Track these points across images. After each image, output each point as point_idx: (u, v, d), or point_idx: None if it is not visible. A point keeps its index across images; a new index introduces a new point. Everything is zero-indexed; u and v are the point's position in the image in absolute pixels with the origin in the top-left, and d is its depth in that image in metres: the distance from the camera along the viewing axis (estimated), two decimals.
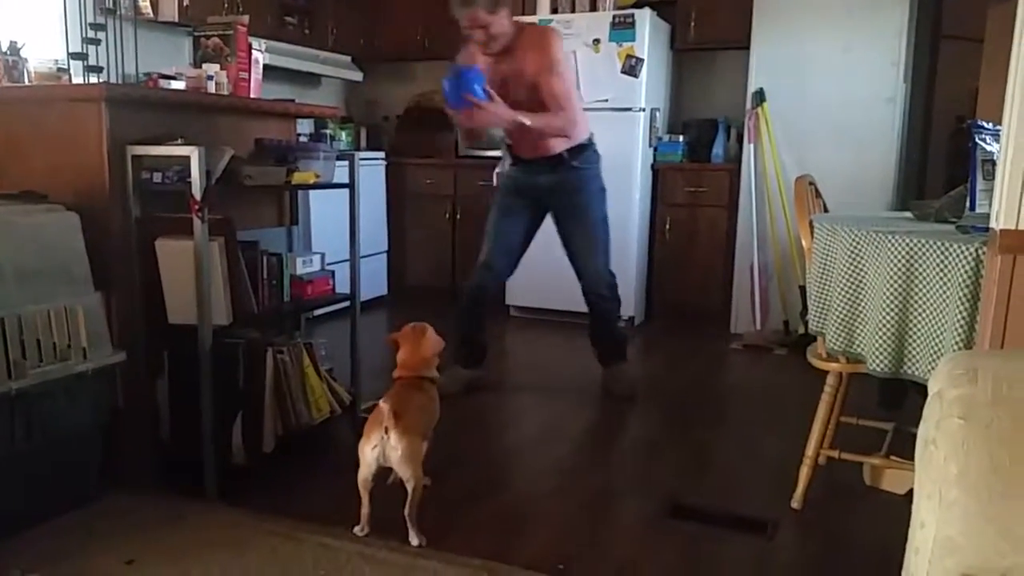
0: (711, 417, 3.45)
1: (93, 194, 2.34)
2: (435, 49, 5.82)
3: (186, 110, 2.62)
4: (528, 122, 3.19)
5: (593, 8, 5.04)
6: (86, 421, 2.30)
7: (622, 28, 4.78)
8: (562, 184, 3.44)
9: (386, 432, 2.10)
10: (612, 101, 4.80)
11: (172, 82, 2.66)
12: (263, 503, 2.41)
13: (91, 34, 3.18)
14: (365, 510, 2.21)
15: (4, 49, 2.63)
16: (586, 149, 3.46)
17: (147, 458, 2.50)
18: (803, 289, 4.20)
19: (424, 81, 6.17)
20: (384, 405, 2.13)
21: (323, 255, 2.95)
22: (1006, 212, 1.55)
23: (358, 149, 5.80)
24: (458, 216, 5.55)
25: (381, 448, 2.12)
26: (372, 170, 5.45)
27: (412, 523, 2.18)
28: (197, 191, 2.27)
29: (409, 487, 2.16)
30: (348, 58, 5.84)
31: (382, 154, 5.70)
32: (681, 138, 5.14)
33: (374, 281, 5.46)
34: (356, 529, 2.22)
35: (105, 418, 2.37)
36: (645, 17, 4.76)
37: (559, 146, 3.39)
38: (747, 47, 4.73)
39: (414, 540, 2.17)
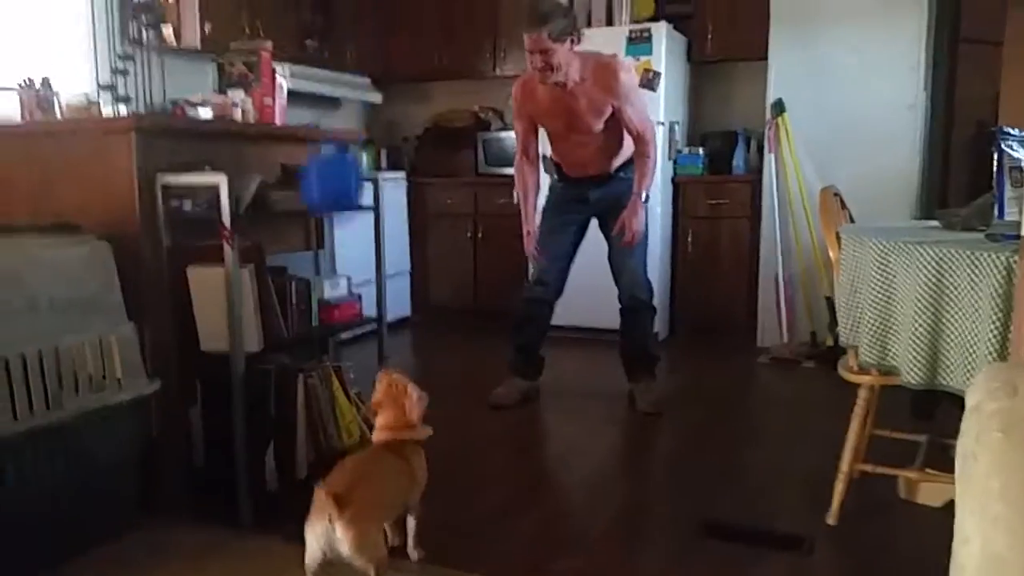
0: (741, 432, 3.43)
1: (124, 224, 2.37)
2: (453, 69, 5.88)
3: (213, 137, 2.65)
4: (646, 194, 3.36)
5: (609, 23, 5.06)
6: (122, 451, 2.31)
7: (639, 43, 4.79)
8: (610, 194, 3.48)
9: (330, 521, 1.80)
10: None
11: (199, 109, 2.69)
12: (297, 529, 2.41)
13: (119, 65, 3.24)
14: None
15: (37, 85, 2.68)
16: (633, 161, 3.48)
17: (182, 486, 2.52)
18: (830, 300, 4.18)
19: (443, 101, 6.21)
20: (325, 495, 1.81)
21: (349, 278, 2.97)
22: None
23: (379, 170, 5.83)
24: (480, 235, 5.57)
25: (327, 538, 1.82)
26: (393, 190, 5.48)
27: None
28: (227, 218, 2.30)
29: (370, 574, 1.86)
30: (367, 80, 5.89)
31: (403, 174, 5.74)
32: (701, 151, 5.14)
33: (398, 302, 5.48)
34: None
35: (140, 448, 2.38)
36: (662, 31, 4.77)
37: (613, 165, 3.46)
38: (765, 58, 4.72)
39: None
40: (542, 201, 3.70)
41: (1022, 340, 1.60)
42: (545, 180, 3.73)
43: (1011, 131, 2.34)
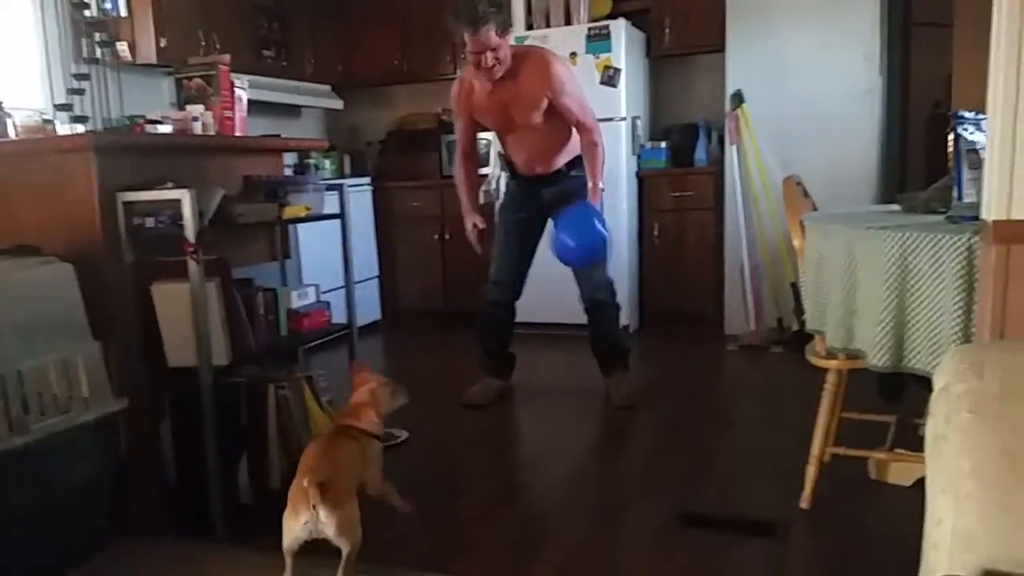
0: (712, 421, 3.46)
1: (86, 243, 2.34)
2: (414, 72, 5.87)
3: (174, 153, 2.62)
4: (601, 184, 3.37)
5: (568, 22, 5.08)
6: (91, 471, 2.28)
7: (598, 40, 4.81)
8: (562, 192, 3.47)
9: (314, 509, 1.95)
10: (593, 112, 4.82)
11: (158, 126, 2.66)
12: (273, 542, 2.39)
13: (74, 84, 3.19)
14: (289, 574, 2.07)
15: None
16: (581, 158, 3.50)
17: (154, 503, 2.49)
18: (794, 287, 4.23)
19: (405, 104, 6.20)
20: (308, 485, 1.95)
21: (317, 286, 2.96)
22: (997, 202, 1.56)
23: (343, 176, 5.81)
24: (447, 236, 5.56)
25: (312, 524, 1.97)
26: (359, 196, 5.46)
27: None
28: (190, 233, 2.27)
29: (345, 551, 2.01)
30: (327, 87, 5.86)
31: (367, 179, 5.72)
32: (664, 144, 5.17)
33: (367, 307, 5.46)
34: None
35: (110, 467, 2.35)
36: (620, 27, 4.79)
37: (560, 162, 3.47)
38: (722, 50, 4.77)
39: None
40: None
41: (986, 321, 1.63)
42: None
43: (966, 114, 2.37)
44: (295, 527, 1.98)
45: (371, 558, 2.24)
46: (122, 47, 3.77)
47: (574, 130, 3.41)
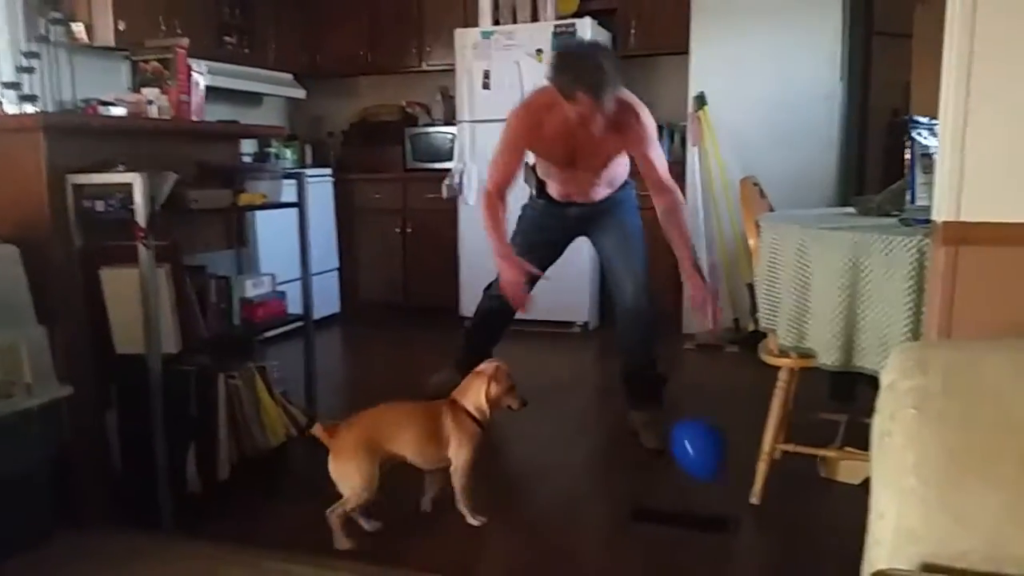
0: (668, 417, 3.46)
1: (33, 225, 2.28)
2: (379, 64, 5.83)
3: (127, 136, 2.57)
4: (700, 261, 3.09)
5: (535, 19, 5.07)
6: (33, 459, 2.22)
7: (564, 37, 4.81)
8: (593, 211, 3.22)
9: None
10: None
11: (111, 108, 2.60)
12: (222, 532, 2.36)
13: (24, 63, 3.10)
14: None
15: None
16: (625, 186, 3.28)
17: (100, 493, 2.44)
18: (751, 287, 4.27)
19: (369, 96, 6.15)
20: (317, 425, 2.26)
21: (273, 276, 2.91)
22: (947, 204, 1.59)
23: (304, 166, 5.74)
24: (409, 230, 5.53)
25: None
26: (320, 187, 5.40)
27: (333, 527, 2.23)
28: (141, 218, 2.23)
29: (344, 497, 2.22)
30: (290, 75, 5.79)
31: (329, 171, 5.66)
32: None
33: (326, 299, 5.41)
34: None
35: (53, 454, 2.29)
36: (586, 26, 4.80)
37: (600, 195, 3.20)
38: (687, 52, 4.79)
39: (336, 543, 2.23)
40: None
41: (933, 320, 1.65)
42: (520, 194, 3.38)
43: (921, 120, 2.42)
44: None
45: (320, 549, 2.23)
46: (78, 28, 3.69)
47: (620, 167, 3.16)
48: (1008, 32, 1.52)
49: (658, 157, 3.02)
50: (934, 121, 2.25)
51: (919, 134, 2.34)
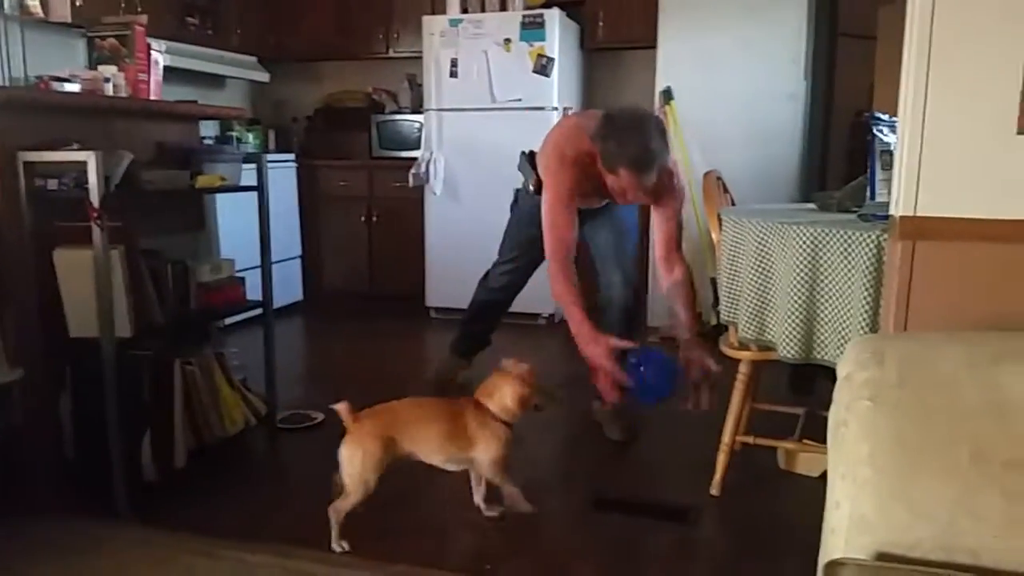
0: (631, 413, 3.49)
1: None
2: (346, 49, 5.75)
3: (82, 114, 2.51)
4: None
5: (503, 8, 5.04)
6: None
7: (532, 28, 4.79)
8: (591, 212, 3.09)
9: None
10: (525, 100, 4.81)
11: (65, 84, 2.53)
12: (178, 520, 2.32)
13: None
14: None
15: None
16: None
17: (52, 479, 2.39)
18: (714, 281, 4.29)
19: (334, 81, 6.07)
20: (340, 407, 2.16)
21: (232, 261, 2.86)
22: (904, 199, 1.61)
23: (267, 151, 5.66)
24: (374, 218, 5.48)
25: None
26: (282, 172, 5.33)
27: (333, 524, 2.16)
28: (95, 198, 2.18)
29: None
30: (254, 59, 5.70)
31: (292, 156, 5.58)
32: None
33: (288, 287, 5.35)
34: None
35: (3, 438, 2.24)
36: (554, 17, 4.78)
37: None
38: (654, 46, 4.80)
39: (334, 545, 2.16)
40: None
41: (890, 313, 1.67)
42: (512, 179, 3.32)
43: (882, 116, 2.44)
44: None
45: (279, 538, 2.20)
46: (33, 3, 3.59)
47: None
48: (965, 32, 1.55)
49: (679, 226, 2.91)
50: (895, 118, 2.28)
51: (880, 131, 2.37)
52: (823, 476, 1.40)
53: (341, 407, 2.15)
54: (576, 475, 2.76)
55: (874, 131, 2.36)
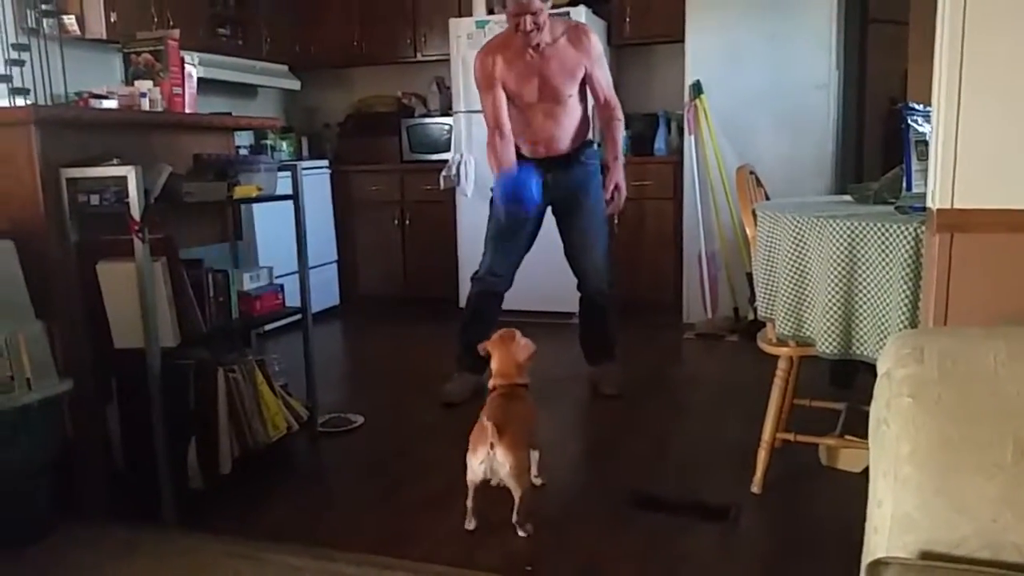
0: (668, 407, 3.48)
1: (28, 220, 2.27)
2: (373, 54, 5.80)
3: (120, 129, 2.56)
4: (622, 159, 3.50)
5: None
6: (35, 453, 2.22)
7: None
8: (568, 180, 3.42)
9: (492, 448, 2.17)
10: None
11: (104, 101, 2.59)
12: (223, 525, 2.37)
13: (14, 55, 3.08)
14: (471, 503, 2.31)
15: None
16: (591, 144, 3.48)
17: (101, 487, 2.44)
18: (750, 276, 4.27)
19: (364, 87, 6.13)
20: (488, 423, 2.18)
21: (270, 269, 2.91)
22: (940, 192, 1.59)
23: (300, 158, 5.73)
24: (407, 221, 5.52)
25: (488, 463, 2.19)
26: (316, 179, 5.39)
27: (520, 524, 2.27)
28: (136, 211, 2.22)
29: (516, 496, 2.24)
30: (284, 67, 5.77)
31: (325, 162, 5.65)
32: (625, 133, 5.16)
33: (325, 292, 5.41)
34: (466, 524, 2.32)
35: (54, 449, 2.30)
36: (580, 14, 4.77)
37: (570, 145, 3.42)
38: (682, 40, 4.77)
39: (522, 532, 2.28)
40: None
41: (930, 308, 1.65)
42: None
43: (916, 106, 2.40)
44: (474, 463, 2.22)
45: (322, 542, 2.23)
46: (70, 20, 3.67)
47: (586, 113, 3.44)
48: (1000, 18, 1.51)
49: (604, 75, 3.42)
50: (929, 108, 2.24)
51: (915, 121, 2.33)
52: (865, 472, 1.39)
53: (490, 431, 2.19)
54: (616, 473, 2.76)
55: (908, 121, 2.33)
